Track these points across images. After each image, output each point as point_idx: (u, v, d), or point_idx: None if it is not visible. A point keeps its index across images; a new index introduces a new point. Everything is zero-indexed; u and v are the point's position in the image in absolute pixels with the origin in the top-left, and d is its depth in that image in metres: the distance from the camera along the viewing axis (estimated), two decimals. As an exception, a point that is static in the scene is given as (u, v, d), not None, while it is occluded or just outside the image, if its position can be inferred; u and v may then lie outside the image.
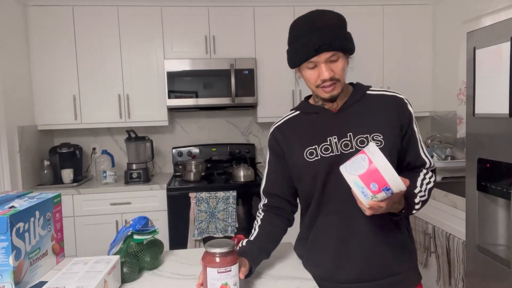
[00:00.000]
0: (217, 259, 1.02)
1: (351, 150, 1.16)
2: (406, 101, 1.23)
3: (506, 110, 1.55)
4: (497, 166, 1.63)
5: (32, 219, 1.19)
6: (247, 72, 3.12)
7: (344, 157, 1.14)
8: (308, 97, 1.33)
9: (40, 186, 2.97)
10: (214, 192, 2.86)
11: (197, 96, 3.09)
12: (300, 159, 1.21)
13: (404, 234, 1.23)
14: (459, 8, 2.99)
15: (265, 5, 3.18)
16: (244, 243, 1.23)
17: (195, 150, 3.45)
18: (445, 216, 2.24)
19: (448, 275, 2.18)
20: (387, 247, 1.18)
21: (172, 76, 3.06)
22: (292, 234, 1.42)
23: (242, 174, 3.04)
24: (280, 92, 3.25)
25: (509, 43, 1.51)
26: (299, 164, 1.21)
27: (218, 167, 3.42)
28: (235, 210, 2.86)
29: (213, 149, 3.46)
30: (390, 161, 1.10)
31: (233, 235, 2.83)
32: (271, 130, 1.31)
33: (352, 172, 0.99)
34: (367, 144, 1.15)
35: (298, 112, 1.30)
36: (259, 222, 1.29)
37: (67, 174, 3.03)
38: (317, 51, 1.10)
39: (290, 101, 3.25)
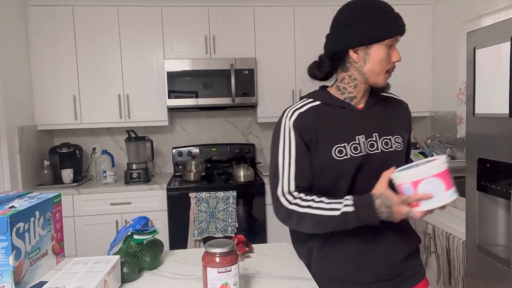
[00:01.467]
0: (217, 259, 1.02)
1: (376, 151, 1.13)
2: (406, 104, 1.29)
3: (506, 110, 1.55)
4: (497, 166, 1.63)
5: (32, 219, 1.19)
6: (247, 72, 3.12)
7: (370, 158, 1.12)
8: (323, 87, 1.25)
9: (40, 186, 2.97)
10: (214, 192, 2.86)
11: (197, 96, 3.09)
12: (327, 155, 1.12)
13: (413, 232, 1.25)
14: (459, 8, 2.99)
15: (265, 5, 3.18)
16: (346, 202, 1.06)
17: (195, 150, 3.45)
18: (445, 216, 2.24)
19: (448, 275, 2.18)
20: (405, 244, 1.19)
21: (172, 76, 3.06)
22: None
23: (242, 174, 3.04)
24: (280, 92, 3.25)
25: (509, 43, 1.51)
26: (324, 161, 1.12)
27: (218, 167, 3.43)
28: (235, 210, 2.86)
29: (213, 149, 3.46)
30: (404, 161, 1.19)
31: (233, 235, 2.83)
32: (294, 116, 1.15)
33: (428, 172, 0.98)
34: (390, 146, 1.15)
35: (318, 102, 1.18)
36: (313, 195, 1.11)
37: (67, 174, 3.03)
38: (401, 32, 1.13)
39: (290, 101, 3.25)
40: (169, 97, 3.07)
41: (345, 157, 1.11)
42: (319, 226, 1.09)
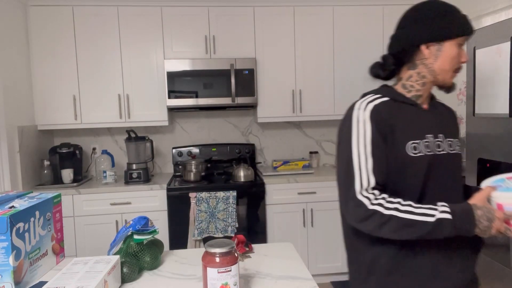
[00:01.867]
0: (217, 259, 1.02)
1: (443, 152, 1.11)
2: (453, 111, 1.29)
3: (506, 110, 1.55)
4: (497, 166, 1.63)
5: (32, 219, 1.19)
6: (247, 72, 3.12)
7: (438, 158, 1.09)
8: (385, 86, 1.21)
9: (40, 186, 2.97)
10: (214, 192, 2.86)
11: (197, 96, 3.09)
12: (401, 151, 1.06)
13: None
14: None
15: (265, 5, 3.18)
16: (441, 209, 1.00)
17: (195, 150, 3.45)
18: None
19: (448, 275, 2.17)
20: (474, 251, 1.14)
21: (172, 76, 3.06)
22: (293, 236, 1.41)
23: (242, 174, 3.04)
24: (280, 92, 3.25)
25: (509, 43, 1.51)
26: (399, 156, 1.06)
27: (218, 167, 3.43)
28: (235, 210, 2.86)
29: (213, 149, 3.46)
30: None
31: (233, 235, 2.83)
32: (370, 106, 1.09)
33: None
34: (454, 149, 1.14)
35: (387, 98, 1.14)
36: (398, 199, 1.03)
37: (67, 174, 3.03)
38: (472, 33, 1.12)
39: (290, 101, 3.25)
40: (169, 97, 3.07)
41: (420, 154, 1.07)
42: (406, 231, 1.00)
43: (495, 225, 0.98)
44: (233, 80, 3.08)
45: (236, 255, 1.06)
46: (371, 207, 1.01)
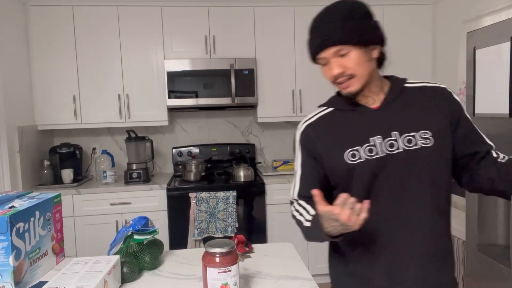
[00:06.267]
0: (217, 259, 1.02)
1: (398, 151, 1.05)
2: (449, 90, 1.14)
3: (506, 110, 1.55)
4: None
5: (32, 219, 1.19)
6: (247, 72, 3.12)
7: (390, 159, 1.06)
8: (336, 94, 1.22)
9: (40, 186, 2.97)
10: (214, 192, 2.86)
11: (197, 96, 3.09)
12: (340, 161, 1.08)
13: (450, 241, 1.16)
14: (459, 8, 2.99)
15: (265, 5, 3.18)
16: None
17: (195, 150, 3.45)
18: (445, 216, 2.24)
19: (448, 275, 2.17)
20: (440, 256, 1.10)
21: (172, 76, 3.06)
22: (293, 236, 1.41)
23: (242, 174, 3.04)
24: (280, 92, 3.25)
25: (509, 43, 1.51)
26: (338, 167, 1.09)
27: (218, 167, 3.42)
28: (235, 210, 2.86)
29: (213, 149, 3.46)
30: (445, 158, 1.08)
31: (233, 235, 2.83)
32: (302, 128, 1.17)
33: None
34: (415, 144, 1.05)
35: (331, 108, 1.16)
36: (308, 203, 1.13)
37: (67, 174, 3.03)
38: (321, 48, 1.05)
39: (290, 101, 3.25)
40: (169, 97, 3.07)
41: (359, 160, 1.06)
42: (303, 234, 1.12)
43: (342, 219, 0.92)
44: (233, 80, 3.08)
45: (236, 255, 1.06)
46: (291, 212, 1.18)
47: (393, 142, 1.06)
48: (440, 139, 1.07)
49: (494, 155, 1.12)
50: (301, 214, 1.12)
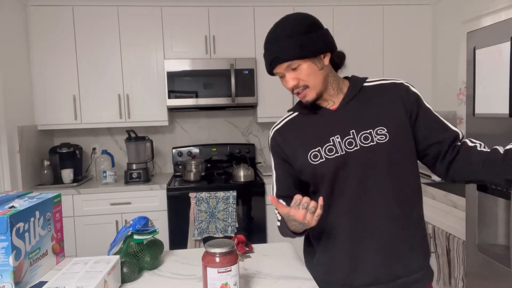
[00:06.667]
0: (217, 259, 1.02)
1: (356, 148, 1.12)
2: (406, 84, 1.21)
3: (506, 110, 1.55)
4: (497, 166, 1.62)
5: (32, 219, 1.19)
6: (247, 72, 3.12)
7: (349, 156, 1.12)
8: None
9: (40, 186, 2.97)
10: (214, 192, 2.86)
11: (197, 96, 3.09)
12: (304, 162, 1.17)
13: (419, 231, 1.20)
14: (459, 8, 2.99)
15: (265, 5, 3.18)
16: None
17: (195, 150, 3.45)
18: (445, 216, 2.24)
19: (448, 275, 2.18)
20: (403, 245, 1.15)
21: (172, 76, 3.06)
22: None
23: (242, 174, 3.04)
24: (280, 92, 3.25)
25: (509, 43, 1.51)
26: (304, 168, 1.17)
27: (218, 167, 3.42)
28: (235, 210, 2.86)
29: (213, 149, 3.46)
30: (405, 152, 1.14)
31: (233, 235, 2.83)
32: (271, 134, 1.27)
33: None
34: (371, 140, 1.12)
35: (296, 113, 1.26)
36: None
37: (67, 174, 3.03)
38: (272, 65, 1.15)
39: (290, 101, 3.25)
40: (169, 97, 3.07)
41: (321, 160, 1.14)
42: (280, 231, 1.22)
43: (298, 219, 1.01)
44: (233, 80, 3.08)
45: (236, 255, 1.06)
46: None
47: (351, 140, 1.13)
48: (396, 134, 1.12)
49: (470, 144, 1.15)
50: (276, 214, 1.21)
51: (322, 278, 1.21)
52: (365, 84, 1.21)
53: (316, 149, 1.15)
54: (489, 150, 1.12)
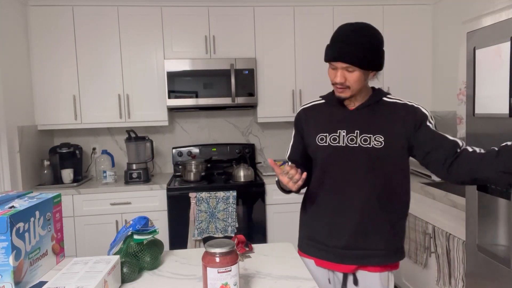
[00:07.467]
0: (217, 259, 1.02)
1: (354, 145, 1.38)
2: (416, 106, 1.39)
3: (506, 110, 1.55)
4: (497, 166, 1.62)
5: (32, 219, 1.19)
6: (247, 72, 3.12)
7: (347, 149, 1.38)
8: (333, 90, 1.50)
9: (40, 186, 2.97)
10: (214, 192, 2.86)
11: (197, 96, 3.09)
12: (312, 141, 1.45)
13: (391, 223, 1.41)
14: (459, 8, 2.99)
15: (265, 5, 3.18)
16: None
17: (195, 150, 3.45)
18: (445, 216, 2.24)
19: (448, 275, 2.18)
20: (371, 228, 1.39)
21: (172, 76, 3.06)
22: (293, 236, 1.42)
23: (242, 174, 3.04)
24: (280, 92, 3.25)
25: (509, 43, 1.51)
26: (311, 145, 1.47)
27: (218, 167, 3.42)
28: (235, 210, 2.86)
29: (213, 149, 3.46)
30: (393, 158, 1.37)
31: (233, 235, 2.83)
32: (299, 110, 1.56)
33: None
34: (369, 143, 1.36)
35: (323, 101, 1.52)
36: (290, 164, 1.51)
37: (67, 174, 3.03)
38: (335, 59, 1.33)
39: (290, 101, 3.25)
40: (169, 97, 3.07)
41: (324, 144, 1.42)
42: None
43: (283, 182, 1.32)
44: (233, 80, 3.08)
45: (236, 255, 1.06)
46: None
47: (353, 137, 1.39)
48: (390, 144, 1.36)
49: (470, 149, 1.32)
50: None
51: (309, 236, 1.51)
52: (384, 98, 1.43)
53: (324, 134, 1.43)
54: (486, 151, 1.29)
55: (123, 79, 3.11)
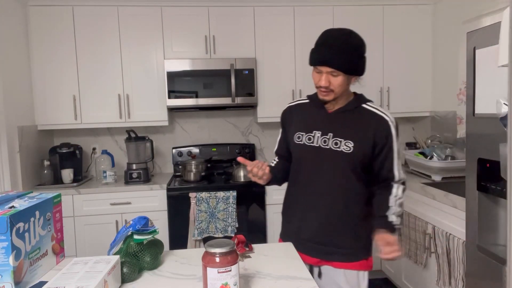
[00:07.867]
0: (217, 259, 1.02)
1: (326, 147, 1.48)
2: (390, 123, 1.46)
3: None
4: (497, 166, 1.63)
5: (32, 219, 1.19)
6: (247, 72, 3.12)
7: (320, 150, 1.48)
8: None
9: (40, 186, 2.97)
10: (214, 192, 2.86)
11: (197, 96, 3.09)
12: (291, 138, 1.56)
13: (355, 222, 1.51)
14: (459, 8, 2.99)
15: (265, 5, 3.18)
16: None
17: (195, 150, 3.45)
18: (445, 216, 2.24)
19: (448, 275, 2.18)
20: (335, 227, 1.50)
21: (172, 76, 3.06)
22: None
23: (242, 174, 3.03)
24: (280, 92, 3.25)
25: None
26: (289, 141, 1.58)
27: (218, 167, 3.42)
28: (235, 210, 2.86)
29: (213, 149, 3.46)
30: (356, 164, 1.46)
31: (233, 235, 2.83)
32: (286, 107, 1.69)
33: None
34: (338, 147, 1.46)
35: (308, 100, 1.61)
36: (275, 161, 1.70)
37: (67, 174, 3.03)
38: (322, 63, 1.39)
39: (290, 101, 3.24)
40: (169, 97, 3.07)
41: (300, 142, 1.53)
42: None
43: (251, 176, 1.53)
44: (233, 80, 3.08)
45: (236, 255, 1.06)
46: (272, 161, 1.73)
47: (326, 139, 1.48)
48: (359, 151, 1.44)
49: (393, 188, 1.51)
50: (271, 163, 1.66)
51: (285, 231, 1.67)
52: (363, 105, 1.50)
53: (301, 133, 1.53)
54: (388, 202, 1.49)
55: (123, 79, 3.11)
